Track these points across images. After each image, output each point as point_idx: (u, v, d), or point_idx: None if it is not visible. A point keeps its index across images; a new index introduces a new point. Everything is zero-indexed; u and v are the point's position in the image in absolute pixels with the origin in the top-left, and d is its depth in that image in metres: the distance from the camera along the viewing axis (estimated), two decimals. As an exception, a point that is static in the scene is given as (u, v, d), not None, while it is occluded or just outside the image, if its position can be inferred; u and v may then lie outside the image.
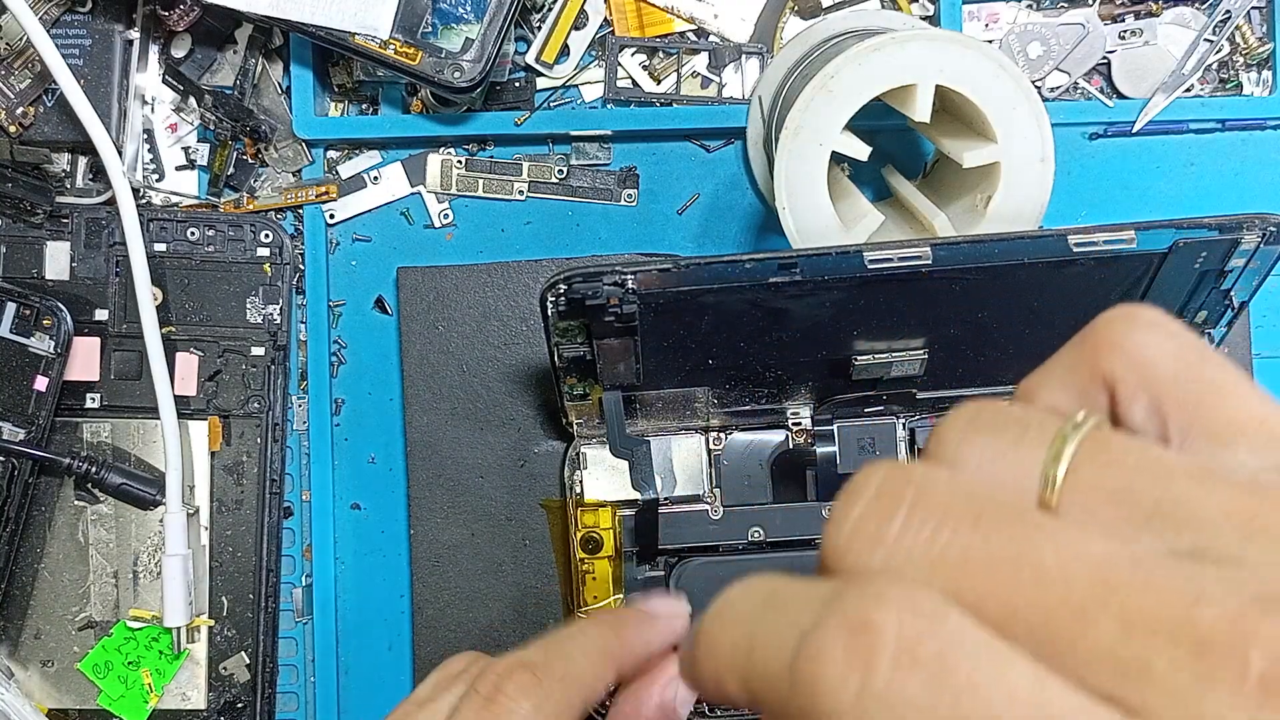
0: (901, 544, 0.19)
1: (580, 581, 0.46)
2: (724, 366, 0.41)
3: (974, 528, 0.18)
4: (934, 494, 0.19)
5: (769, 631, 0.19)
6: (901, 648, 0.17)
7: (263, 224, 0.48)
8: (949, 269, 0.36)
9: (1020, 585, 0.18)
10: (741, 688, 0.20)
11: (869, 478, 0.20)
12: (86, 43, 0.47)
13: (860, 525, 0.19)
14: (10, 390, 0.46)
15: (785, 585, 0.20)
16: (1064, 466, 0.19)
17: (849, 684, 0.17)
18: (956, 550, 0.18)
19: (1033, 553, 0.18)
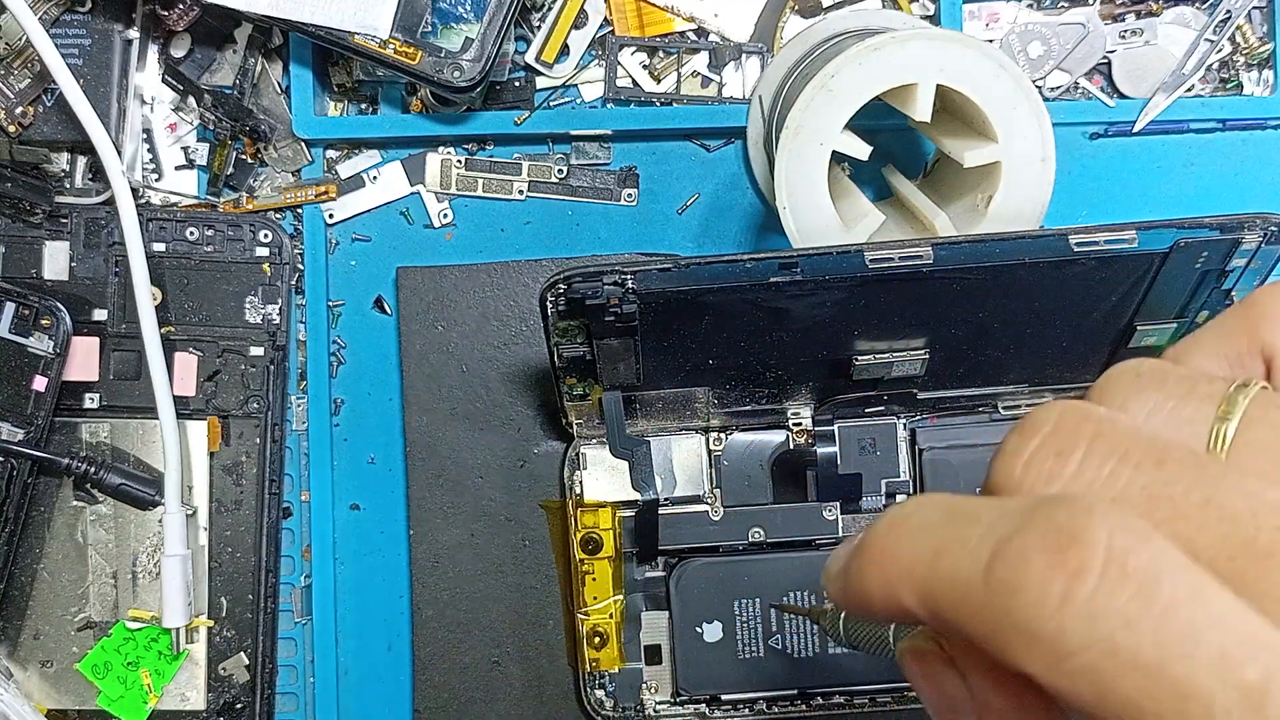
0: (1082, 478, 0.19)
1: (580, 581, 0.46)
2: (724, 366, 0.41)
3: (1158, 467, 0.18)
4: (1114, 433, 0.19)
5: (958, 539, 0.19)
6: (1111, 560, 0.17)
7: (262, 224, 0.48)
8: (950, 269, 0.36)
9: (1205, 524, 0.18)
10: (919, 597, 0.20)
11: (1047, 412, 0.20)
12: (86, 42, 0.47)
13: (1037, 457, 0.19)
14: (9, 390, 0.46)
15: (970, 499, 0.20)
16: (1234, 424, 0.19)
17: (1053, 591, 0.17)
18: (1140, 487, 0.18)
19: (1217, 495, 0.18)
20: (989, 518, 0.19)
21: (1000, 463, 0.20)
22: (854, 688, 0.45)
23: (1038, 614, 0.17)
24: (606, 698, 0.46)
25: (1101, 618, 0.17)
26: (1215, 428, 0.20)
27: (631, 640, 0.46)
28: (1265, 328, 0.22)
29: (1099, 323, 0.40)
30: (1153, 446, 0.19)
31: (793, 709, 0.45)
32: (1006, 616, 0.17)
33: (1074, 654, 0.17)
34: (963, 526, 0.19)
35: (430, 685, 0.48)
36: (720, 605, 0.45)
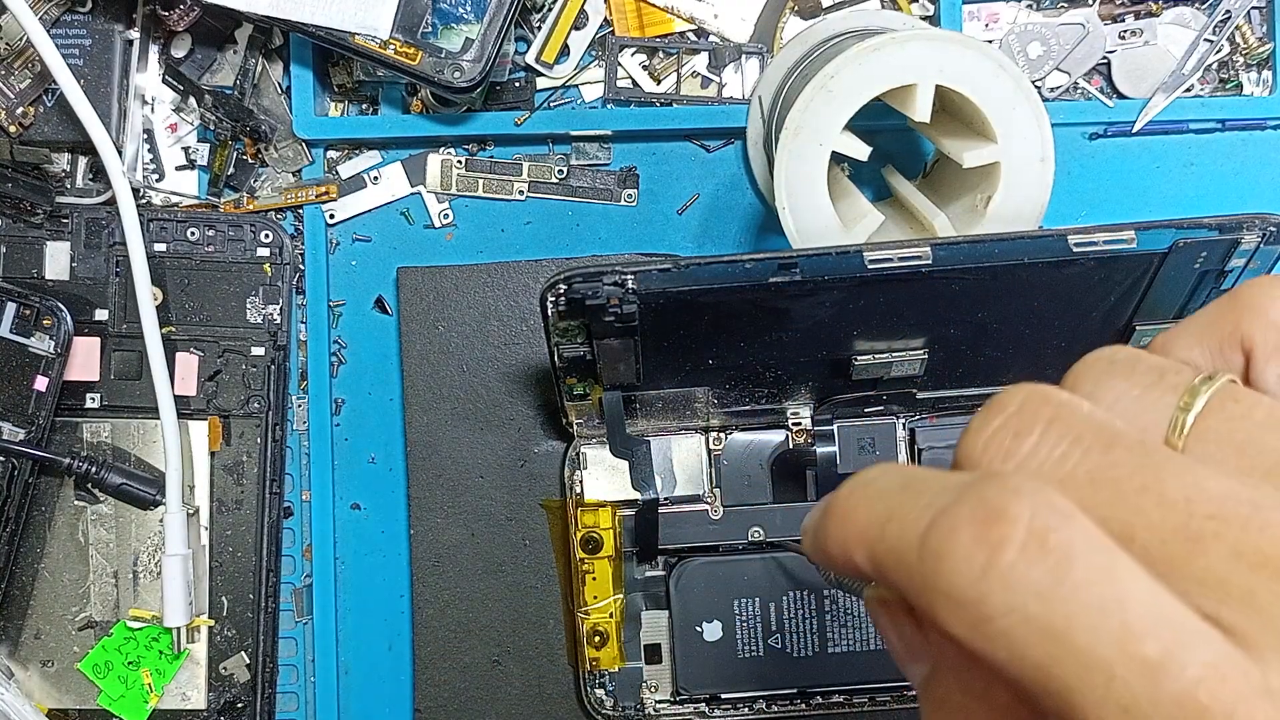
0: (1035, 457, 0.20)
1: (580, 581, 0.46)
2: (724, 366, 0.41)
3: (1105, 452, 0.19)
4: (1071, 417, 0.20)
5: (905, 507, 0.20)
6: (1031, 536, 0.18)
7: (263, 224, 0.48)
8: (949, 269, 0.37)
9: (1141, 509, 0.19)
10: (868, 558, 0.21)
11: (1012, 395, 0.21)
12: (86, 43, 0.47)
13: (997, 436, 0.21)
14: (10, 390, 0.46)
15: (923, 471, 0.21)
16: (1194, 414, 0.20)
17: (975, 561, 0.18)
18: (1085, 470, 0.19)
19: (1157, 481, 0.19)
20: (934, 489, 0.20)
21: (964, 439, 0.21)
22: (854, 687, 0.45)
23: (961, 581, 0.18)
24: (606, 697, 0.46)
25: (1018, 588, 0.18)
26: (1175, 416, 0.21)
27: (631, 640, 0.46)
28: (1246, 320, 0.23)
29: (1098, 323, 0.40)
30: (1104, 432, 0.20)
31: (793, 708, 0.45)
32: (935, 581, 0.19)
33: (992, 619, 0.18)
34: (912, 495, 0.20)
35: (431, 684, 0.48)
36: (720, 605, 0.45)
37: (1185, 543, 0.18)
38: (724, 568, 0.45)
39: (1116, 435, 0.20)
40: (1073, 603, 0.18)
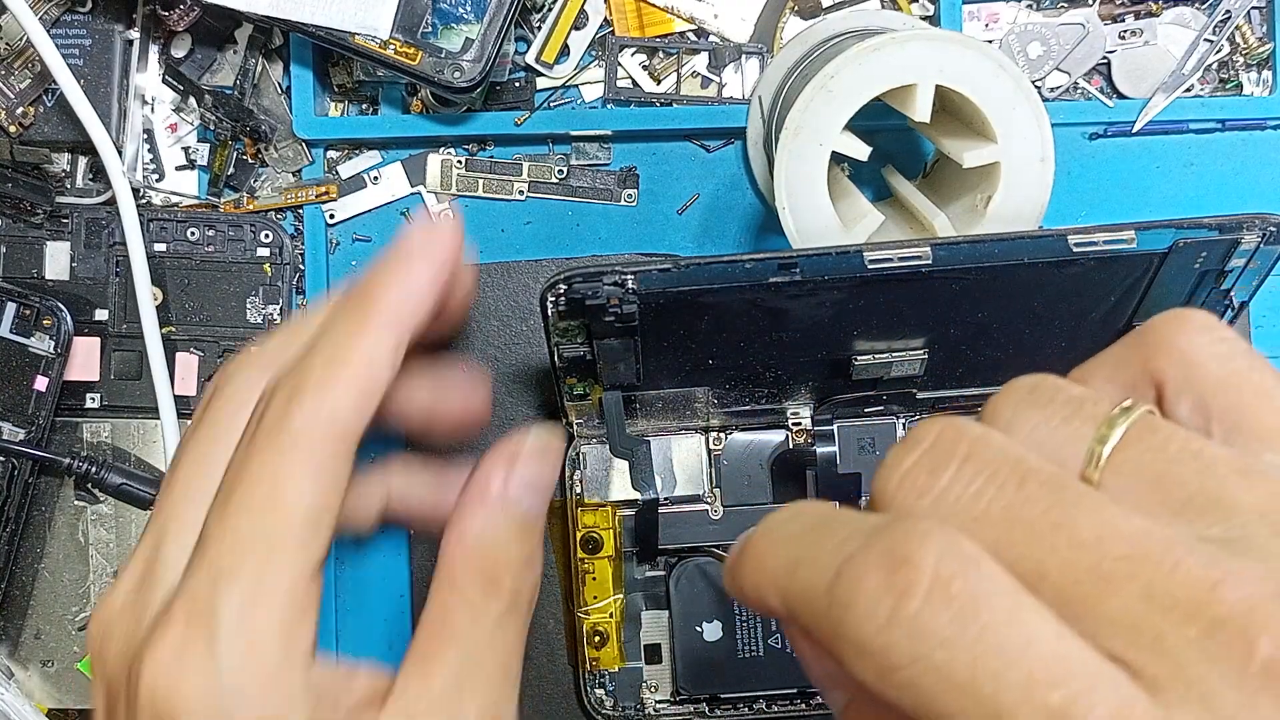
0: (948, 496, 0.20)
1: (580, 581, 0.46)
2: (724, 366, 0.41)
3: (1018, 489, 0.19)
4: (985, 452, 0.20)
5: (815, 552, 0.20)
6: (936, 583, 0.18)
7: (263, 224, 0.48)
8: (949, 269, 0.37)
9: (1054, 548, 0.19)
10: (780, 602, 0.21)
11: (927, 429, 0.21)
12: (86, 43, 0.47)
13: (911, 473, 0.20)
14: (10, 390, 0.46)
15: (835, 513, 0.21)
16: (1110, 446, 0.20)
17: (881, 609, 0.18)
18: (999, 508, 0.19)
19: (1070, 520, 0.19)
20: (843, 534, 0.20)
21: (879, 474, 0.21)
22: (853, 687, 0.45)
23: (867, 629, 0.18)
24: (606, 697, 0.46)
25: (922, 636, 0.18)
26: (1091, 449, 0.21)
27: (631, 639, 0.46)
28: (1155, 355, 0.22)
29: (1098, 323, 0.40)
30: (1017, 467, 0.20)
31: (793, 708, 0.45)
32: (842, 629, 0.19)
33: (898, 668, 0.18)
34: (822, 539, 0.20)
35: (431, 685, 0.48)
36: (720, 605, 0.45)
37: (1097, 584, 0.18)
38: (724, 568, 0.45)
39: (1030, 471, 0.20)
40: (977, 650, 0.18)
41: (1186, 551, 0.18)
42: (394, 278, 0.31)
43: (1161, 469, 0.20)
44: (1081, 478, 0.20)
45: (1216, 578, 0.17)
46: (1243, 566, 0.17)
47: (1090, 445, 0.21)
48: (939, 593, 0.18)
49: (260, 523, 0.29)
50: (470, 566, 0.31)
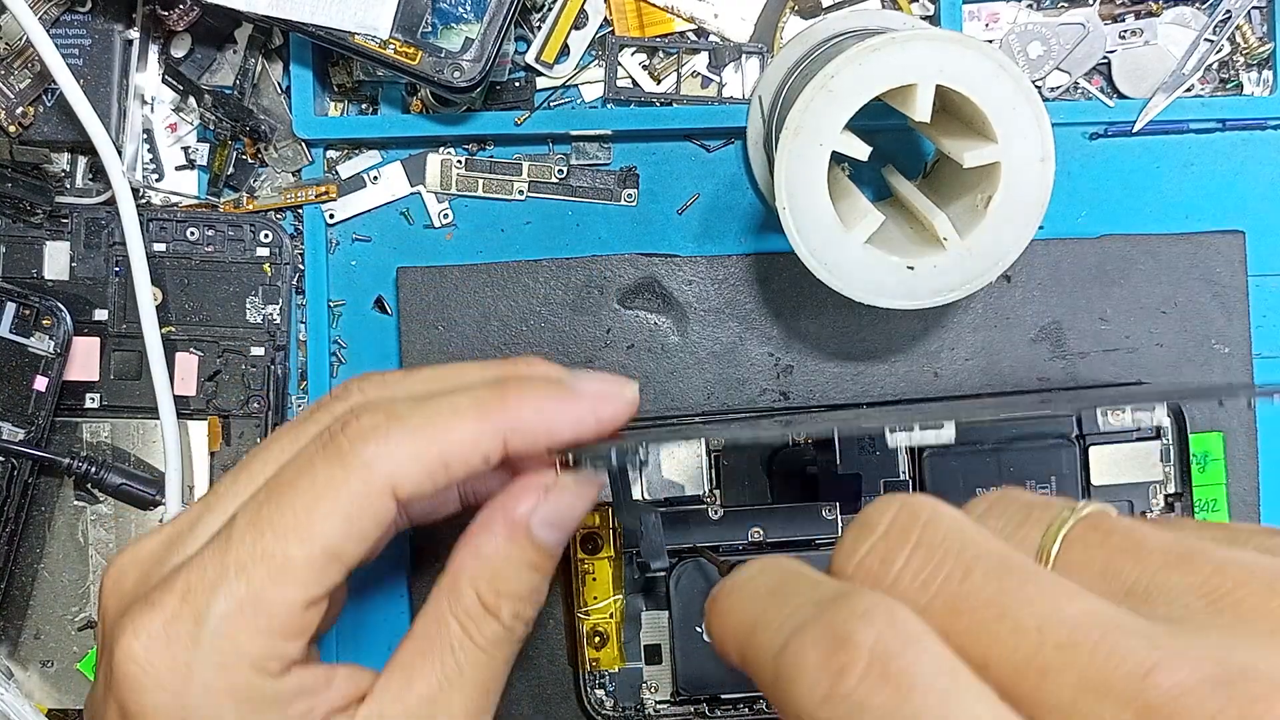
0: (899, 583, 0.21)
1: (580, 582, 0.46)
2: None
3: (964, 579, 0.20)
4: (933, 540, 0.21)
5: (769, 619, 0.21)
6: (874, 662, 0.19)
7: (262, 224, 0.48)
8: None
9: (998, 637, 0.19)
10: (739, 661, 0.22)
11: (883, 512, 0.22)
12: (86, 43, 0.47)
13: (866, 560, 0.21)
14: (10, 390, 0.46)
15: (794, 578, 0.22)
16: (1058, 545, 0.22)
17: (820, 686, 0.19)
18: (946, 596, 0.20)
19: (1013, 608, 0.19)
20: (796, 605, 0.21)
21: (836, 555, 0.22)
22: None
23: (807, 703, 0.19)
24: (606, 697, 0.46)
25: (859, 713, 0.19)
26: (1042, 547, 0.22)
27: (631, 640, 0.46)
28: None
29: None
30: (963, 557, 0.20)
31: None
32: (786, 699, 0.20)
33: None
34: (777, 606, 0.21)
35: (430, 685, 0.48)
36: (720, 605, 0.45)
37: (1035, 674, 0.19)
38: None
39: (976, 559, 0.20)
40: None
41: (1124, 636, 0.19)
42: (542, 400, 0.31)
43: (1106, 560, 0.21)
44: None
45: (1151, 664, 0.18)
46: (1180, 649, 0.18)
47: (1040, 543, 0.22)
48: (876, 671, 0.19)
49: (281, 543, 0.29)
50: (476, 584, 0.31)
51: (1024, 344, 0.47)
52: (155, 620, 0.29)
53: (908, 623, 0.19)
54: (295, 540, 0.29)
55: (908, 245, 0.42)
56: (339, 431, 0.30)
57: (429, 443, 0.30)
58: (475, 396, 0.31)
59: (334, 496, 0.29)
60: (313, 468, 0.30)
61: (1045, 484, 0.45)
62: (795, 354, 0.48)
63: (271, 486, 0.30)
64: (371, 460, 0.29)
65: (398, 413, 0.30)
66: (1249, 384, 0.36)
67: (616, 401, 0.32)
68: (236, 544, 0.29)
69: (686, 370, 0.48)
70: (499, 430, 0.30)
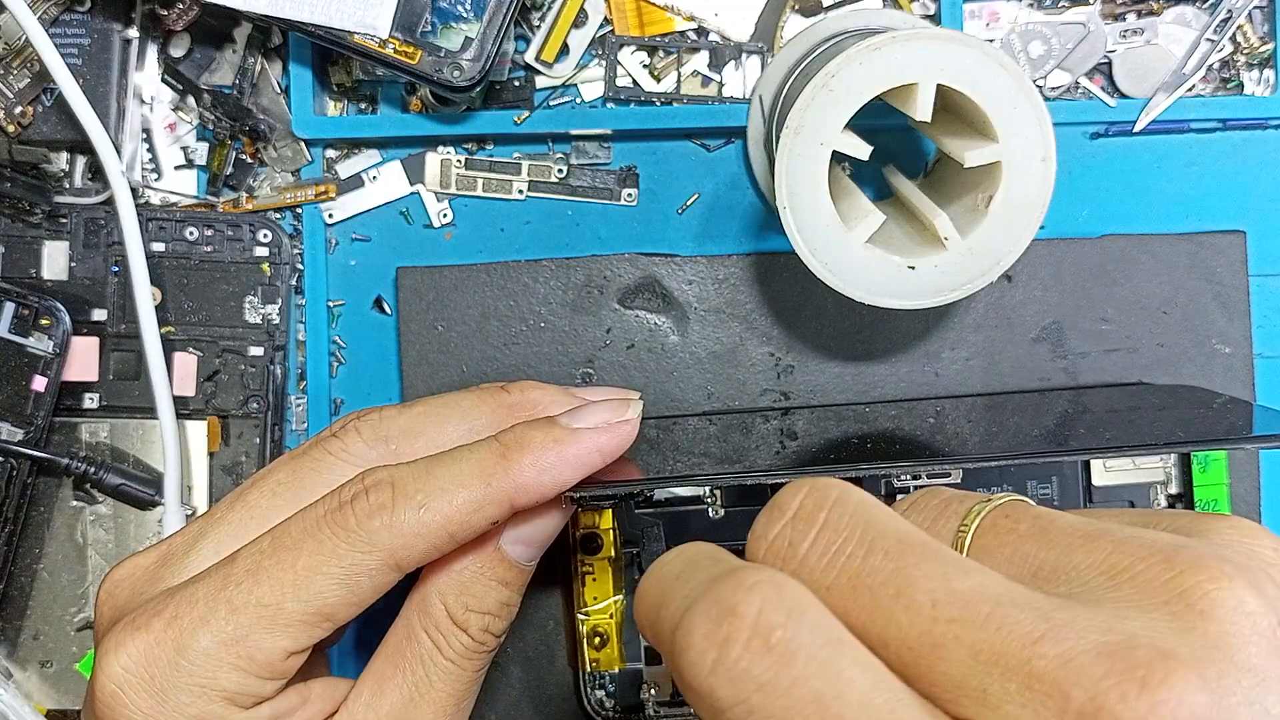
0: (805, 565, 0.22)
1: (580, 582, 0.46)
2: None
3: (865, 558, 0.21)
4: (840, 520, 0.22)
5: (671, 597, 0.22)
6: (757, 632, 0.19)
7: (261, 223, 0.48)
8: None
9: (893, 615, 0.20)
10: (650, 638, 0.23)
11: (794, 495, 0.23)
12: (85, 42, 0.47)
13: (776, 542, 0.22)
14: (9, 390, 0.46)
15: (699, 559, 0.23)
16: (970, 534, 0.23)
17: (706, 658, 0.20)
18: (847, 576, 0.21)
19: (908, 586, 0.20)
20: (693, 583, 0.21)
21: (749, 542, 0.23)
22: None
23: (696, 674, 0.20)
24: (607, 698, 0.46)
25: (742, 682, 0.19)
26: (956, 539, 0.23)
27: (631, 640, 0.46)
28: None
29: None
30: (866, 537, 0.21)
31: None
32: (680, 672, 0.20)
33: (723, 711, 0.20)
34: (679, 585, 0.22)
35: (430, 685, 0.48)
36: (720, 605, 0.45)
37: (928, 649, 0.19)
38: (724, 568, 0.45)
39: (878, 539, 0.21)
40: (793, 698, 0.19)
41: (1015, 609, 0.19)
42: (543, 453, 0.31)
43: (1015, 545, 0.22)
44: None
45: (1039, 634, 0.18)
46: (1068, 620, 0.19)
47: (955, 536, 0.23)
48: (759, 642, 0.19)
49: (277, 594, 0.30)
50: (445, 598, 0.33)
51: (1025, 344, 0.47)
52: (138, 643, 0.30)
53: (793, 594, 0.20)
54: (292, 595, 0.30)
55: (908, 245, 0.42)
56: (348, 504, 0.30)
57: (434, 516, 0.30)
58: (478, 462, 0.31)
59: (337, 563, 0.30)
60: (319, 533, 0.30)
61: (1046, 484, 0.44)
62: (796, 354, 0.48)
63: (277, 538, 0.31)
64: (377, 538, 0.30)
65: (403, 489, 0.30)
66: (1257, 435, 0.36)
67: (619, 431, 0.33)
68: (234, 586, 0.30)
69: (686, 370, 0.48)
70: (505, 495, 0.31)
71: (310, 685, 0.32)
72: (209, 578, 0.31)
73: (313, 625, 0.30)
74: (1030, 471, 0.44)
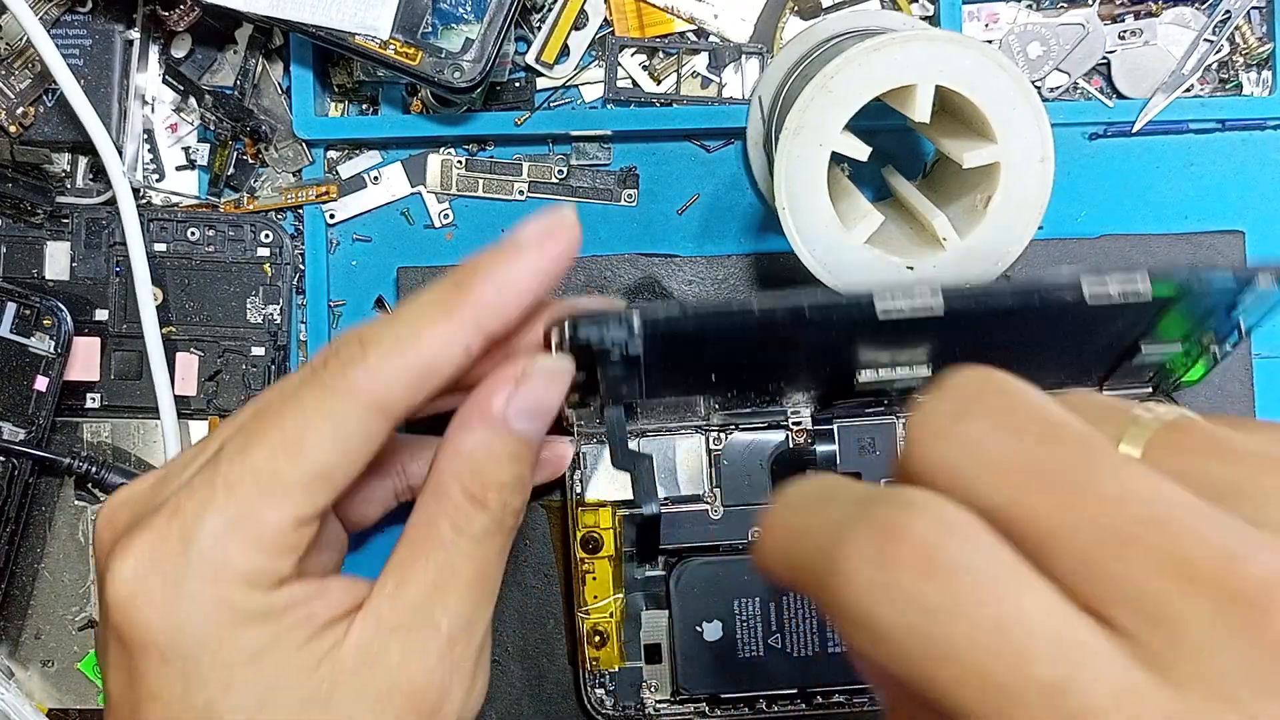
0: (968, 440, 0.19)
1: (580, 581, 0.46)
2: (727, 381, 0.41)
3: (1043, 442, 0.19)
4: (1021, 405, 0.20)
5: (816, 522, 0.20)
6: (920, 554, 0.18)
7: (263, 224, 0.48)
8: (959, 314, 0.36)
9: (1069, 504, 0.18)
10: (788, 572, 0.21)
11: (965, 377, 0.21)
12: (86, 43, 0.47)
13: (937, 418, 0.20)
14: (10, 390, 0.46)
15: (840, 485, 0.21)
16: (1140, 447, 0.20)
17: (867, 578, 0.18)
18: (1021, 459, 0.19)
19: (1092, 477, 0.18)
20: (844, 504, 0.20)
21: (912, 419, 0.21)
22: (854, 687, 0.45)
23: (855, 599, 0.18)
24: (606, 696, 0.46)
25: (906, 606, 0.18)
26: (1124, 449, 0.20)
27: (631, 639, 0.46)
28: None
29: (1103, 344, 0.40)
30: (1048, 423, 0.19)
31: (793, 708, 0.45)
32: (837, 600, 0.19)
33: (887, 639, 0.18)
34: (825, 510, 0.20)
35: (431, 684, 0.48)
36: (720, 604, 0.45)
37: (1109, 546, 0.17)
38: (724, 568, 0.45)
39: (1059, 428, 0.19)
40: (965, 623, 0.17)
41: (1209, 523, 0.17)
42: (495, 271, 0.31)
43: (1191, 462, 0.19)
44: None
45: (1236, 550, 0.17)
46: (1265, 541, 0.17)
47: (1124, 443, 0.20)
48: (924, 563, 0.18)
49: (271, 461, 0.29)
50: (460, 479, 0.31)
51: (1024, 344, 0.47)
52: (144, 541, 0.29)
53: (957, 513, 0.18)
54: (285, 458, 0.29)
55: (908, 245, 0.42)
56: (320, 367, 0.30)
57: (408, 354, 0.30)
58: (436, 295, 0.31)
59: (322, 418, 0.29)
60: (299, 396, 0.30)
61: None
62: (795, 354, 0.48)
63: (258, 412, 0.30)
64: (355, 384, 0.29)
65: (372, 336, 0.30)
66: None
67: (560, 234, 0.32)
68: (225, 463, 0.29)
69: (686, 370, 0.48)
70: (470, 318, 0.30)
71: (329, 580, 0.31)
72: (203, 469, 0.30)
73: (312, 488, 0.29)
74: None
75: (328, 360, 0.30)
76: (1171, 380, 0.44)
